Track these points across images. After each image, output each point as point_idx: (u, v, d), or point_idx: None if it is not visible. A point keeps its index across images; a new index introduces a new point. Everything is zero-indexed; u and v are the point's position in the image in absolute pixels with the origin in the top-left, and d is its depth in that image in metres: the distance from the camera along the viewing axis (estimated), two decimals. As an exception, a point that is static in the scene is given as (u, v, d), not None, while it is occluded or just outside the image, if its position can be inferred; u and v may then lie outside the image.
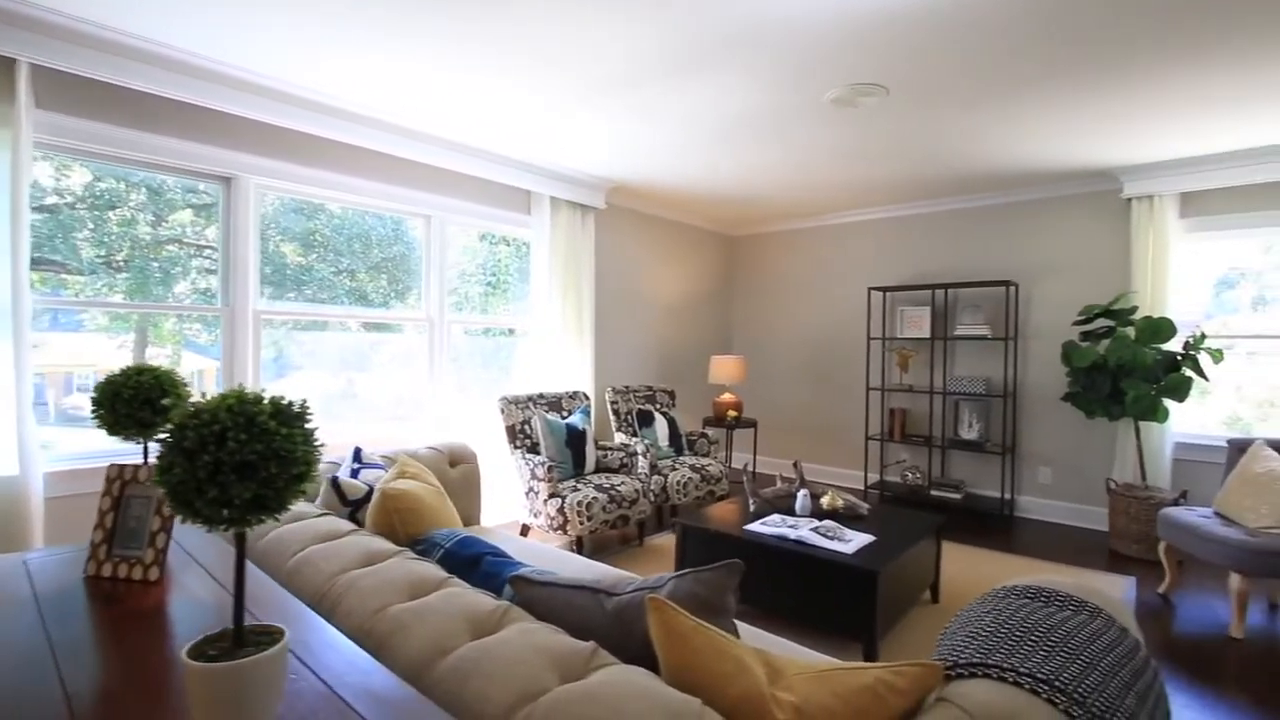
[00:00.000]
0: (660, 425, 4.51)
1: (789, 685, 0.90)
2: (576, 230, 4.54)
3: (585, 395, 4.37)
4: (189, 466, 0.69)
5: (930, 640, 2.63)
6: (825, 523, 2.84)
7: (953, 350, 5.04)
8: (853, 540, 2.61)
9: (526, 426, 3.86)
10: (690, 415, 5.87)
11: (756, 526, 2.79)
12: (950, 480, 4.87)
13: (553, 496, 3.46)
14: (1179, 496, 3.62)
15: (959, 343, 4.98)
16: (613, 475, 3.84)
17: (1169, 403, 3.78)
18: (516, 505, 3.77)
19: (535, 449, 3.82)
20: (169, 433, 0.71)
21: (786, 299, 6.09)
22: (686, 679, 0.92)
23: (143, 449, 1.47)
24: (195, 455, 0.69)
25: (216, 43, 2.58)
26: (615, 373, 5.15)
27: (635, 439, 4.30)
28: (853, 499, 3.09)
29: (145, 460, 1.43)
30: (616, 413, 4.55)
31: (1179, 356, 3.75)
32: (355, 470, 2.26)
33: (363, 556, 1.41)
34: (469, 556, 1.61)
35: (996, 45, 2.48)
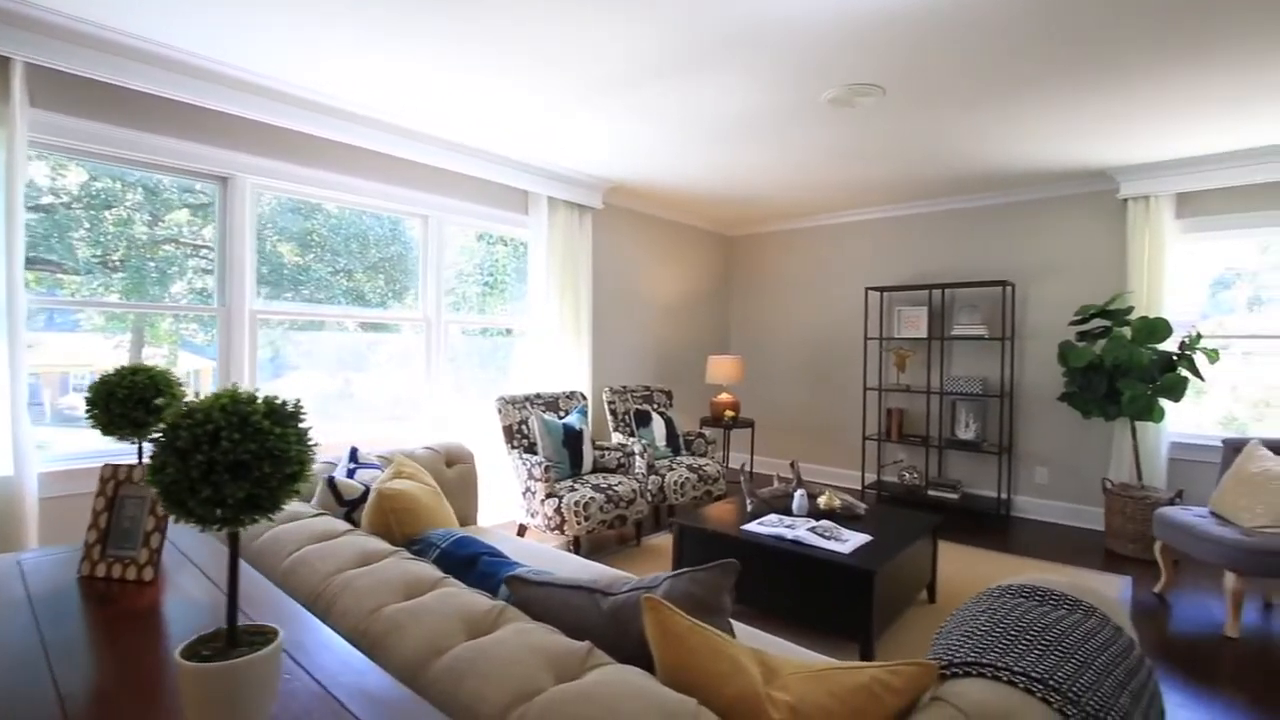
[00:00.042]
0: (658, 425, 4.51)
1: (784, 685, 0.90)
2: (574, 230, 4.53)
3: (583, 395, 4.37)
4: (182, 466, 0.69)
5: (927, 640, 2.63)
6: (822, 523, 2.84)
7: (950, 350, 5.05)
8: (849, 540, 2.61)
9: (524, 426, 3.85)
10: (688, 415, 5.87)
11: (753, 526, 2.79)
12: (947, 480, 4.87)
13: (550, 496, 3.45)
14: (1174, 496, 3.63)
15: (956, 343, 4.98)
16: (610, 475, 3.84)
17: (1165, 403, 3.79)
18: (514, 505, 3.77)
19: (532, 449, 3.81)
20: (162, 432, 0.71)
21: (784, 299, 6.10)
22: (682, 679, 0.92)
23: (137, 449, 1.47)
24: (188, 455, 0.69)
25: (215, 43, 2.58)
26: (613, 373, 5.15)
27: (632, 439, 4.29)
28: (850, 499, 3.09)
29: (140, 460, 1.43)
30: (614, 413, 4.55)
31: (1175, 356, 3.76)
32: (351, 470, 2.26)
33: (358, 556, 1.41)
34: (465, 556, 1.61)
35: (993, 45, 2.49)
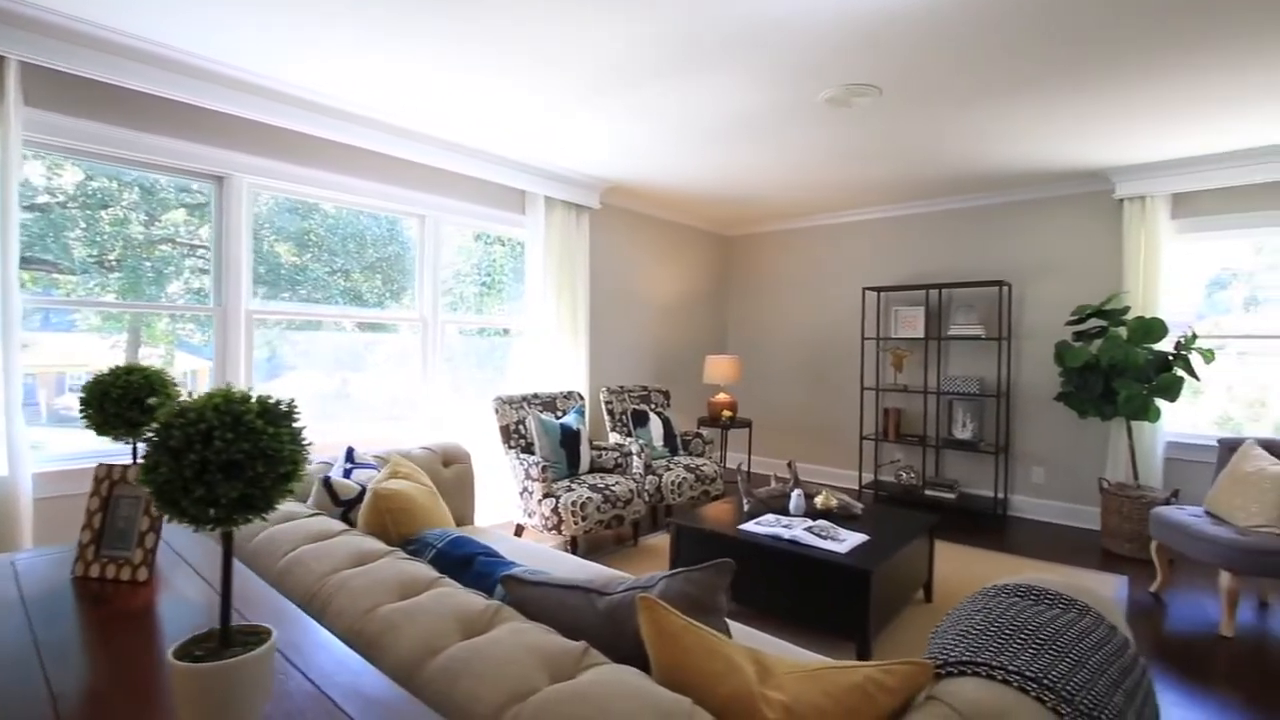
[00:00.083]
0: (655, 425, 4.51)
1: (779, 684, 0.90)
2: (571, 230, 4.53)
3: (580, 395, 4.37)
4: (175, 465, 0.68)
5: (923, 639, 2.64)
6: (819, 522, 2.84)
7: (947, 350, 5.06)
8: (846, 540, 2.61)
9: (521, 426, 3.85)
10: (685, 415, 5.87)
11: (751, 526, 2.79)
12: (944, 480, 4.88)
13: (547, 496, 3.45)
14: (1170, 496, 3.64)
15: (953, 343, 4.99)
16: (607, 475, 3.84)
17: (1161, 402, 3.80)
18: (511, 505, 3.76)
19: (530, 449, 3.81)
20: (155, 431, 0.70)
21: (781, 299, 6.10)
22: (677, 678, 0.92)
23: (132, 449, 1.47)
24: (181, 454, 0.68)
25: (212, 42, 2.57)
26: (610, 373, 5.15)
27: (630, 439, 4.29)
28: (847, 499, 3.10)
29: (134, 460, 1.42)
30: (611, 413, 4.55)
31: (1170, 356, 3.77)
32: (348, 470, 2.25)
33: (354, 556, 1.40)
34: (461, 556, 1.60)
35: (990, 44, 2.49)
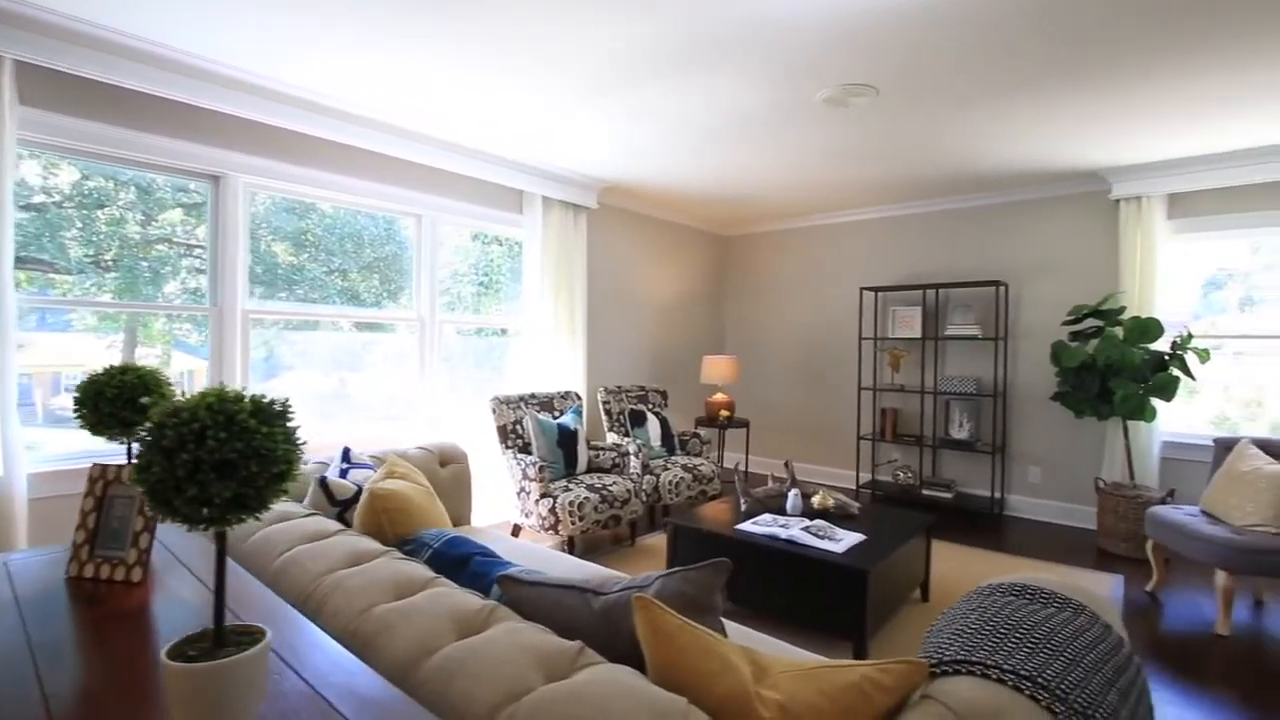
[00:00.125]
0: (652, 425, 4.51)
1: (775, 683, 0.90)
2: (569, 230, 4.53)
3: (577, 395, 4.37)
4: (168, 465, 0.68)
5: (920, 639, 2.63)
6: (816, 522, 2.84)
7: (944, 350, 5.06)
8: (843, 539, 2.61)
9: (518, 426, 3.85)
10: (683, 415, 5.87)
11: (748, 526, 2.79)
12: (941, 479, 4.89)
13: (544, 496, 3.45)
14: (1166, 495, 3.65)
15: (950, 343, 5.00)
16: (605, 475, 3.84)
17: (1157, 402, 3.81)
18: (508, 505, 3.76)
19: (527, 449, 3.81)
20: (148, 431, 0.70)
21: (779, 299, 6.10)
22: (673, 678, 0.92)
23: (126, 449, 1.46)
24: (174, 454, 0.68)
25: (212, 42, 2.57)
26: (607, 373, 5.14)
27: (627, 439, 4.29)
28: (844, 498, 3.10)
29: (129, 460, 1.42)
30: (609, 413, 4.55)
31: (1166, 356, 3.78)
32: (344, 470, 2.25)
33: (349, 556, 1.40)
34: (457, 556, 1.60)
35: (987, 44, 2.49)
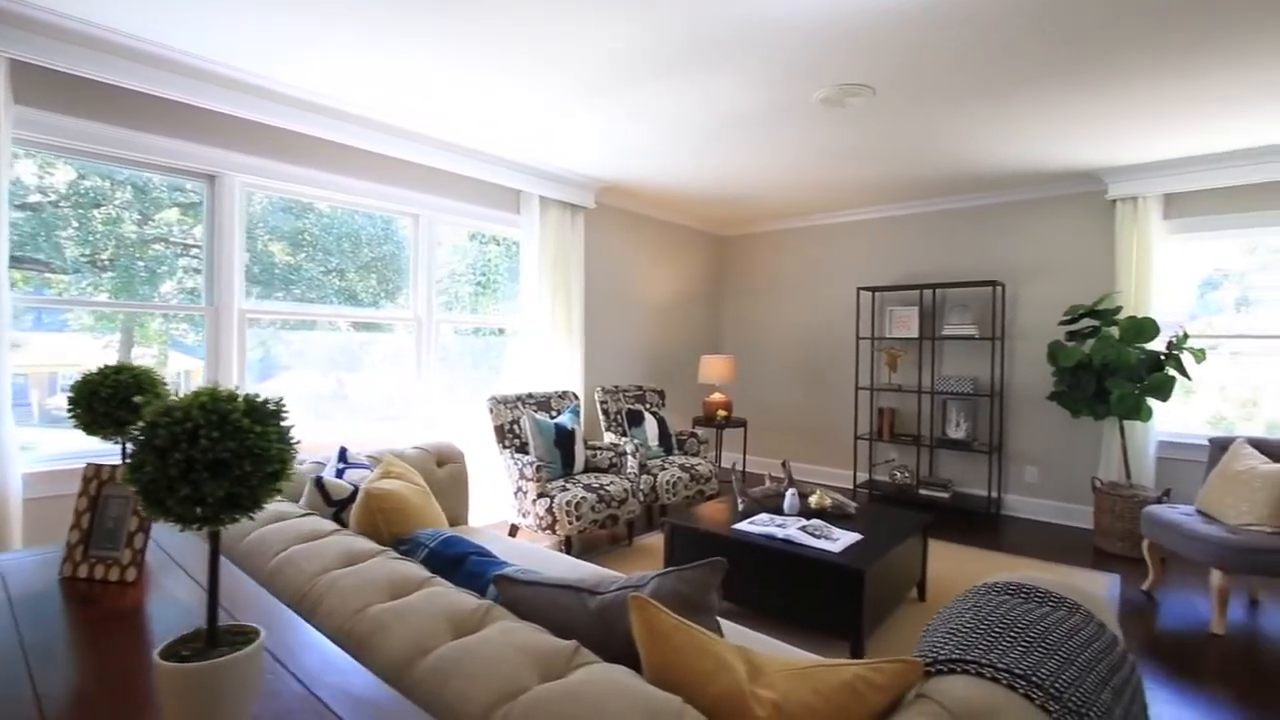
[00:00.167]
0: (650, 425, 4.50)
1: (770, 682, 0.90)
2: (566, 230, 4.53)
3: (574, 395, 4.36)
4: (160, 464, 0.68)
5: (916, 638, 2.64)
6: (813, 522, 2.84)
7: (941, 350, 5.07)
8: (840, 539, 2.62)
9: (515, 426, 3.84)
10: (680, 415, 5.87)
11: (745, 526, 2.79)
12: (938, 479, 4.90)
13: (541, 496, 3.45)
14: (1162, 495, 3.66)
15: (947, 342, 5.01)
16: (602, 475, 3.84)
17: (1153, 402, 3.82)
18: (505, 505, 3.76)
19: (524, 449, 3.80)
20: (140, 430, 0.70)
21: (776, 299, 6.11)
22: (668, 677, 0.92)
23: (121, 448, 1.46)
24: (167, 453, 0.68)
25: (210, 42, 2.56)
26: (605, 372, 5.14)
27: (625, 439, 4.29)
28: (841, 498, 3.10)
29: (124, 460, 1.41)
30: (606, 412, 4.55)
31: (1162, 356, 3.79)
32: (340, 470, 2.25)
33: (345, 556, 1.40)
34: (453, 556, 1.60)
35: (984, 44, 2.50)
